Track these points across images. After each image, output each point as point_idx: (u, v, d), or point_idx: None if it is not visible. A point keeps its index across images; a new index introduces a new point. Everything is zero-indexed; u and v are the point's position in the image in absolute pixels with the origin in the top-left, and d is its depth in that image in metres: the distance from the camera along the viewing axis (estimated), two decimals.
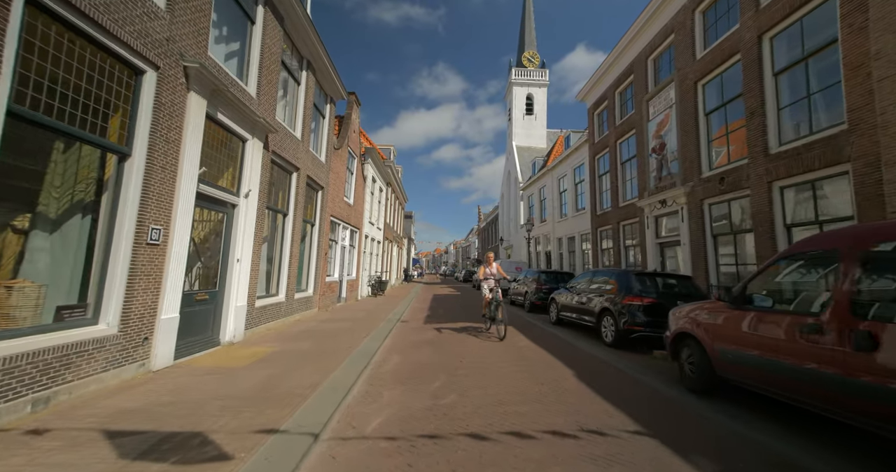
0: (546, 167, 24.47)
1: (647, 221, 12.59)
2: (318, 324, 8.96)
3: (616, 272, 7.66)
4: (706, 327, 4.14)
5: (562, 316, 9.44)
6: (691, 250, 10.36)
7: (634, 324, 6.49)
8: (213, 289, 6.05)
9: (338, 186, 12.48)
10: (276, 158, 7.96)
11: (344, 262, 13.96)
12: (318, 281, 10.91)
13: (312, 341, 6.97)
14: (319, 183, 10.68)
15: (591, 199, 17.69)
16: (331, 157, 11.64)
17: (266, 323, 7.75)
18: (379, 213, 20.33)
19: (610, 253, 16.03)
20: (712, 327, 4.06)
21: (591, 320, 7.81)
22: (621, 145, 15.12)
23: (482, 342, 7.39)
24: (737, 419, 3.75)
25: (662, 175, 11.86)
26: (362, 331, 8.27)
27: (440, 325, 9.70)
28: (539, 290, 12.37)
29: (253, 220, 6.84)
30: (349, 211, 14.03)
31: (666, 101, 11.71)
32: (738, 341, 3.73)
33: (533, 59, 37.21)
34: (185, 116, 4.87)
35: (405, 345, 7.17)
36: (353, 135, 14.27)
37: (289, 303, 8.89)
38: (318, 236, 10.91)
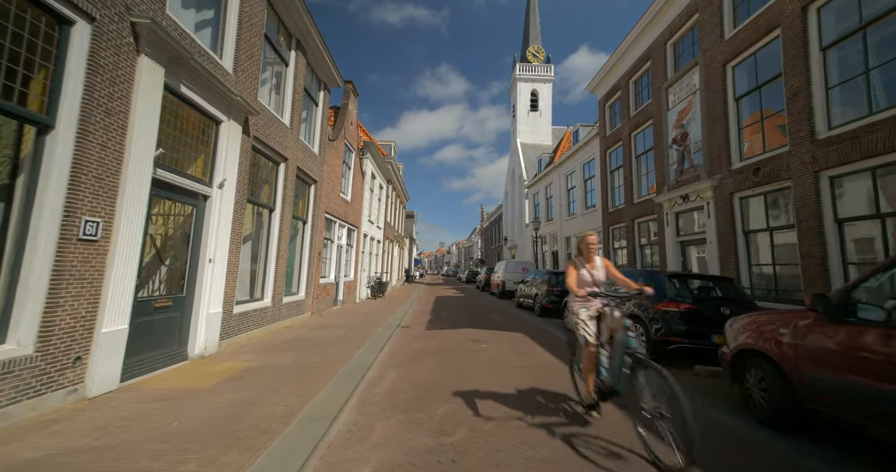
0: (553, 164, 23.57)
1: (667, 217, 11.66)
2: (308, 331, 8.09)
3: (644, 273, 6.73)
4: (788, 345, 3.23)
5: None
6: (719, 248, 9.43)
7: (670, 334, 5.57)
8: (178, 294, 5.17)
9: (333, 181, 11.61)
10: (260, 146, 7.09)
11: (341, 262, 13.10)
12: (310, 283, 10.05)
13: (298, 353, 6.09)
14: (312, 176, 9.81)
15: (602, 196, 16.77)
16: (325, 149, 10.77)
17: (248, 331, 6.87)
18: (379, 211, 19.47)
19: (623, 253, 15.11)
20: (798, 345, 3.15)
21: None
22: (636, 138, 14.20)
23: (492, 356, 6.49)
24: (840, 469, 2.85)
25: (684, 168, 10.93)
26: (357, 339, 7.40)
27: (444, 331, 8.81)
28: (550, 292, 11.46)
29: (230, 214, 5.97)
30: (346, 208, 13.17)
31: (688, 87, 10.78)
32: (840, 366, 2.82)
33: (538, 55, 36.28)
34: (134, 85, 4.00)
35: (404, 356, 6.28)
36: (351, 127, 13.42)
37: (276, 308, 8.02)
38: (311, 235, 10.05)
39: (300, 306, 9.47)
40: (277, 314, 8.12)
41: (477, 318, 11.28)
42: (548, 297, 11.45)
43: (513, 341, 7.78)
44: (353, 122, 13.77)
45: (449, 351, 6.76)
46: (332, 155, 11.50)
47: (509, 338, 8.07)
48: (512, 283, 18.59)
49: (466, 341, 7.65)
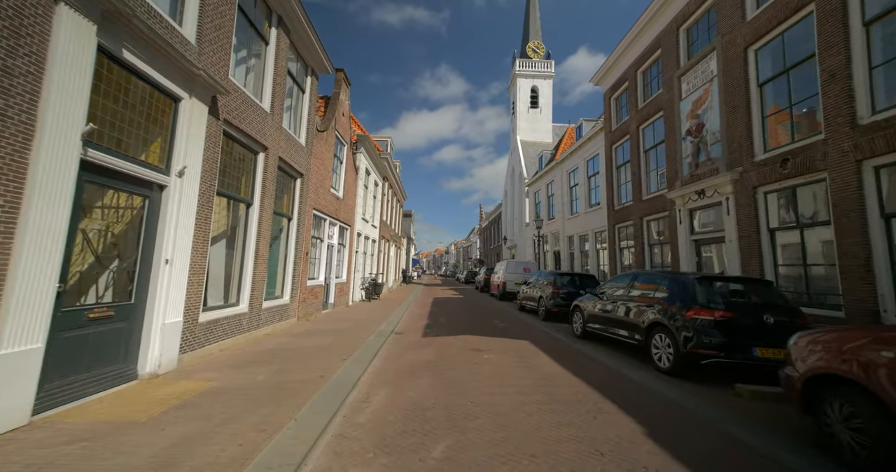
0: (554, 161, 22.79)
1: (680, 215, 10.90)
2: (291, 340, 7.27)
3: (669, 276, 5.95)
4: (892, 371, 2.44)
5: (590, 329, 7.74)
6: (740, 247, 8.67)
7: (704, 346, 4.79)
8: (124, 302, 4.36)
9: (322, 175, 10.80)
10: (233, 131, 6.28)
11: (332, 263, 12.28)
12: (296, 286, 9.23)
13: (274, 367, 5.28)
14: (297, 169, 8.99)
15: (607, 193, 16.00)
16: (313, 140, 9.96)
17: (219, 341, 6.06)
18: (374, 209, 18.65)
19: (630, 252, 14.34)
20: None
21: (634, 337, 6.12)
22: (644, 131, 13.43)
23: (496, 369, 5.70)
24: None
25: (699, 161, 10.17)
26: (345, 349, 6.59)
27: (441, 338, 8.01)
28: (556, 295, 10.69)
29: (193, 207, 5.15)
30: (338, 205, 12.36)
31: (704, 74, 10.02)
32: None
33: (538, 50, 35.49)
34: (50, 41, 3.18)
35: (397, 371, 5.48)
36: (343, 118, 12.60)
37: (254, 314, 7.20)
38: (297, 233, 9.23)
39: (284, 310, 8.66)
40: (256, 321, 7.30)
41: (477, 323, 10.49)
42: (553, 300, 10.67)
43: (518, 350, 6.99)
44: (346, 113, 12.96)
45: (447, 363, 5.96)
46: (322, 147, 10.69)
47: (514, 347, 7.28)
48: (513, 284, 17.81)
49: (466, 351, 6.85)
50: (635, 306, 6.21)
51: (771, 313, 4.79)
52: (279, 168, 8.18)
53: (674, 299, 5.42)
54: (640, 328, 5.93)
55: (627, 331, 6.31)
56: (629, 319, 6.28)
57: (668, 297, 5.54)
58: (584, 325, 7.97)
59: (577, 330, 8.25)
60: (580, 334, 8.11)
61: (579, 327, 8.17)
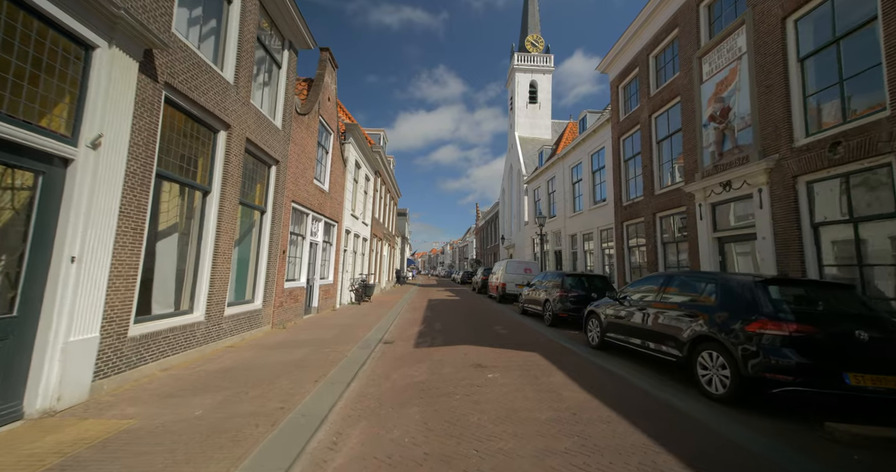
0: (556, 156, 21.75)
1: (700, 210, 9.86)
2: (258, 353, 6.11)
3: (719, 279, 4.83)
4: None
5: (609, 339, 6.65)
6: (776, 245, 7.63)
7: (775, 370, 3.70)
8: (3, 314, 3.20)
9: (304, 165, 9.64)
10: (180, 100, 5.12)
11: (315, 262, 11.12)
12: (271, 288, 8.07)
13: (224, 395, 4.14)
14: (272, 155, 7.84)
15: (614, 188, 14.96)
16: (291, 123, 8.80)
17: (161, 359, 4.89)
18: (365, 205, 17.50)
19: (641, 252, 13.30)
20: None
21: (670, 353, 5.02)
22: (657, 120, 12.39)
23: (504, 396, 4.58)
24: None
25: (724, 150, 9.13)
26: (320, 365, 5.46)
27: (436, 350, 6.89)
28: (564, 298, 9.60)
29: (116, 190, 4.00)
30: (322, 199, 11.20)
31: (731, 52, 8.98)
32: None
33: (537, 44, 34.43)
34: None
35: (380, 398, 4.35)
36: (328, 104, 11.45)
37: (214, 322, 6.04)
38: (273, 228, 8.07)
39: (255, 317, 7.49)
40: (216, 331, 6.14)
41: (476, 329, 9.37)
42: (561, 304, 9.58)
43: (527, 365, 5.88)
44: (332, 98, 11.81)
45: (443, 385, 4.84)
46: (303, 133, 9.53)
47: (521, 361, 6.17)
48: (513, 285, 16.73)
49: (466, 367, 5.74)
50: (672, 314, 5.11)
51: (862, 326, 3.71)
52: (248, 152, 7.03)
53: (728, 307, 4.33)
54: (679, 342, 4.84)
55: (661, 345, 5.22)
56: (663, 330, 5.18)
57: (720, 304, 4.45)
58: (601, 334, 6.88)
59: (594, 340, 7.16)
60: (597, 345, 7.02)
61: (596, 337, 7.08)
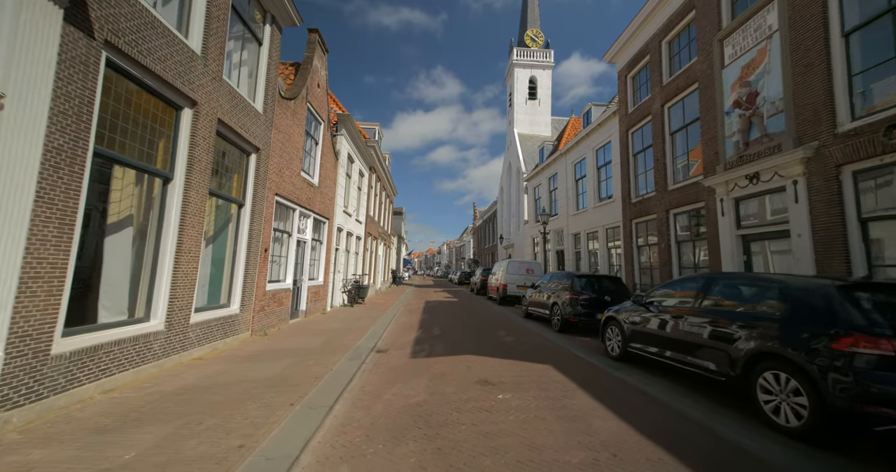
0: (558, 152, 20.95)
1: (721, 205, 9.07)
2: (227, 368, 5.24)
3: (778, 283, 3.99)
4: None
5: (633, 350, 5.83)
6: (814, 243, 6.84)
7: (881, 402, 2.86)
8: None
9: (290, 155, 8.77)
10: (128, 65, 4.24)
11: (303, 262, 10.25)
12: (250, 291, 7.20)
13: (170, 428, 3.27)
14: (251, 141, 6.96)
15: (622, 184, 14.18)
16: (274, 108, 7.93)
17: (102, 379, 4.02)
18: (359, 202, 16.62)
19: (652, 251, 12.52)
20: None
21: (718, 371, 4.18)
22: (671, 111, 11.62)
23: (517, 416, 3.75)
24: None
25: (750, 139, 8.34)
26: (301, 382, 4.61)
27: (436, 361, 6.04)
28: (574, 301, 8.77)
29: (30, 168, 3.13)
30: (311, 193, 10.32)
31: (759, 31, 8.19)
32: None
33: (537, 39, 33.64)
34: None
35: (368, 430, 3.49)
36: (318, 91, 10.57)
37: (177, 331, 5.17)
38: (253, 223, 7.20)
39: (231, 323, 6.62)
40: (180, 341, 5.26)
41: (479, 335, 8.53)
42: (572, 307, 8.75)
43: (542, 383, 5.05)
44: (322, 85, 10.93)
45: (446, 410, 4.00)
46: (288, 120, 8.66)
47: (535, 377, 5.33)
48: (515, 287, 15.91)
49: (471, 385, 4.89)
50: (719, 324, 4.28)
51: None
52: (221, 136, 6.15)
53: (800, 317, 3.50)
54: (730, 359, 4.00)
55: (705, 360, 4.38)
56: (707, 343, 4.35)
57: (789, 314, 3.61)
58: (623, 344, 6.06)
59: (614, 350, 6.33)
60: (618, 356, 6.19)
61: (616, 347, 6.26)
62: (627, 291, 9.20)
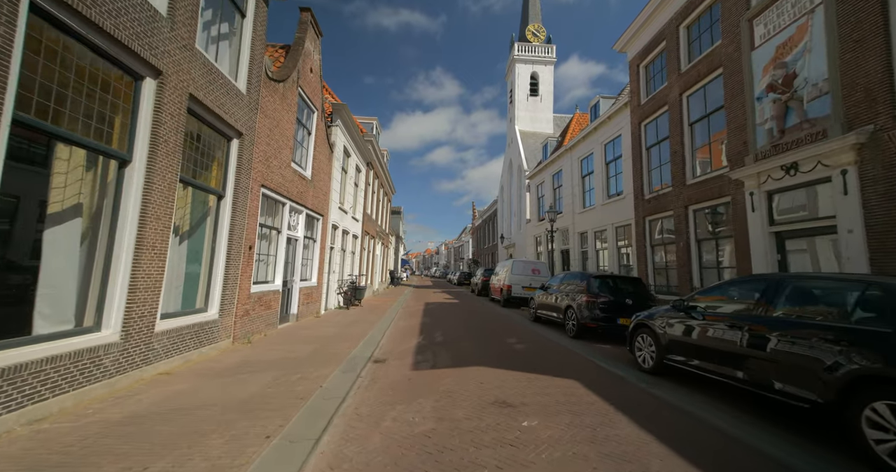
0: (562, 148, 20.18)
1: (752, 199, 8.30)
2: (195, 386, 4.41)
3: (880, 286, 3.19)
4: None
5: (673, 363, 5.03)
6: (868, 239, 6.07)
7: None
8: None
9: (278, 143, 7.95)
10: (63, 13, 3.42)
11: (294, 261, 9.42)
12: (231, 293, 6.38)
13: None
14: (231, 124, 6.14)
15: (634, 180, 13.41)
16: (260, 89, 7.11)
17: (29, 405, 3.19)
18: (356, 199, 15.80)
19: (668, 250, 11.74)
20: None
21: (803, 396, 3.35)
22: (690, 99, 10.86)
23: (552, 455, 2.94)
24: None
25: (787, 126, 7.57)
26: (279, 407, 3.77)
27: (442, 373, 5.22)
28: (592, 305, 7.97)
29: None
30: (303, 187, 9.50)
31: (796, 7, 7.43)
32: None
33: (538, 34, 32.90)
34: None
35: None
36: (310, 76, 9.75)
37: (134, 343, 4.34)
38: (235, 217, 6.38)
39: (208, 330, 5.79)
40: (140, 354, 4.43)
41: (487, 342, 7.73)
42: (589, 311, 7.95)
43: (572, 405, 4.24)
44: (315, 70, 10.11)
45: (460, 446, 3.19)
46: (277, 104, 7.84)
47: (561, 396, 4.52)
48: (520, 288, 15.12)
49: (487, 407, 4.08)
50: (797, 337, 3.47)
51: None
52: (194, 114, 5.33)
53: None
54: (818, 383, 3.18)
55: (779, 382, 3.56)
56: (780, 360, 3.54)
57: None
58: (658, 355, 5.26)
59: (646, 361, 5.53)
60: (651, 369, 5.39)
61: (649, 358, 5.46)
62: (649, 293, 8.41)
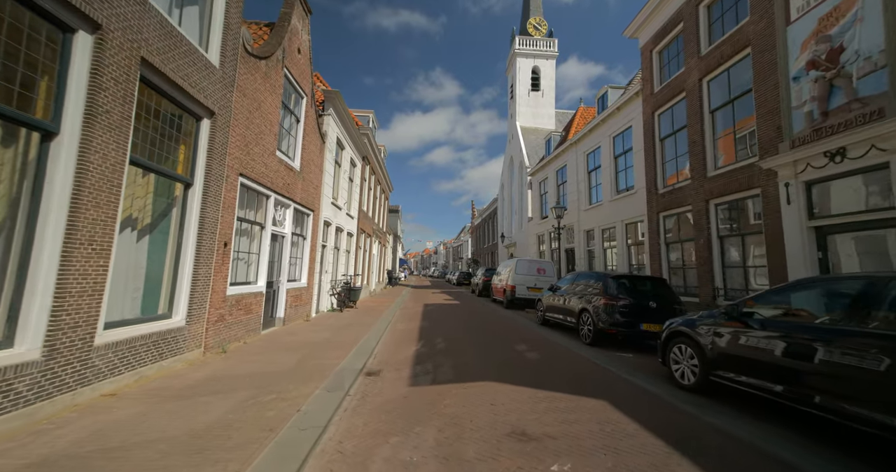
0: (567, 142, 19.36)
1: (787, 190, 7.49)
2: (142, 412, 3.55)
3: None
4: None
5: (723, 380, 4.19)
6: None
7: None
8: None
9: (260, 128, 7.09)
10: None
11: (281, 260, 8.57)
12: (202, 296, 5.52)
13: None
14: (200, 100, 5.28)
15: (646, 173, 12.59)
16: (238, 64, 6.25)
17: None
18: (351, 194, 14.94)
19: (686, 248, 10.93)
20: None
21: None
22: (710, 85, 10.04)
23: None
24: None
25: (831, 107, 6.76)
26: (232, 452, 2.88)
27: (446, 392, 4.36)
28: (611, 309, 7.14)
29: None
30: (291, 178, 8.64)
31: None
32: None
33: (540, 27, 32.07)
34: None
35: None
36: (299, 58, 8.89)
37: (63, 360, 3.48)
38: (205, 209, 5.52)
39: (173, 340, 4.94)
40: (76, 373, 3.58)
41: (494, 350, 6.88)
42: (608, 316, 7.11)
43: (608, 434, 3.40)
44: (304, 51, 9.25)
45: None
46: (259, 84, 6.98)
47: (594, 423, 3.67)
48: (524, 288, 14.29)
49: (504, 442, 3.24)
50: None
51: None
52: (150, 85, 4.47)
53: None
54: None
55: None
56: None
57: None
58: (704, 370, 4.42)
59: (686, 377, 4.69)
60: (693, 386, 4.56)
61: (690, 373, 4.62)
62: (675, 295, 7.58)
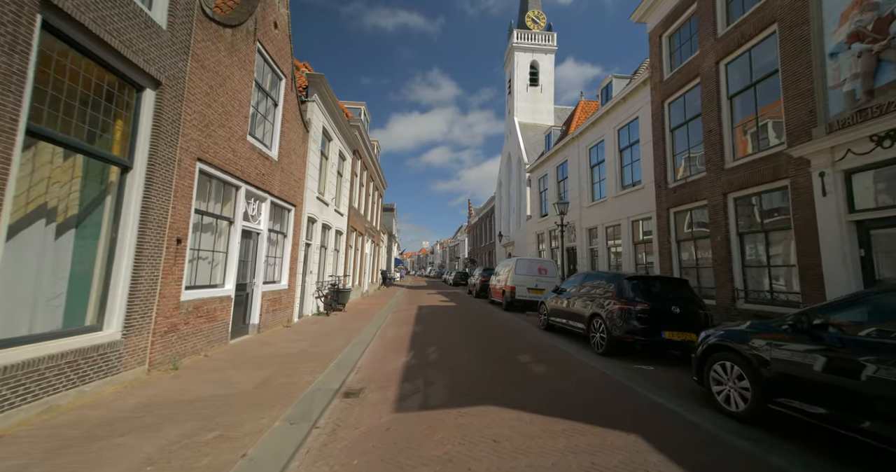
0: (568, 136, 18.53)
1: (822, 180, 6.67)
2: (24, 464, 2.62)
3: None
4: None
5: (785, 408, 3.33)
6: None
7: None
8: None
9: (225, 107, 6.16)
10: None
11: (256, 260, 7.64)
12: (146, 302, 4.60)
13: None
14: (141, 67, 4.35)
15: (655, 167, 11.77)
16: (192, 28, 5.32)
17: None
18: (340, 189, 14.00)
19: (701, 246, 10.11)
20: None
21: None
22: (729, 68, 9.22)
23: None
24: None
25: (877, 85, 5.94)
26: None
27: (439, 421, 3.44)
28: (628, 314, 6.27)
29: None
30: (266, 168, 7.71)
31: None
32: None
33: (538, 20, 31.23)
34: None
35: None
36: (276, 33, 7.96)
37: None
38: (148, 199, 4.60)
39: (103, 358, 4.01)
40: None
41: (494, 361, 5.99)
42: (624, 322, 6.24)
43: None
44: (281, 27, 8.32)
45: None
46: (223, 56, 6.05)
47: (623, 466, 2.80)
48: (524, 290, 13.43)
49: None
50: None
51: None
52: (62, 37, 3.54)
53: None
54: None
55: None
56: None
57: None
58: (760, 395, 3.56)
59: (734, 403, 3.82)
60: (744, 414, 3.69)
61: (738, 397, 3.76)
62: (699, 299, 6.73)
